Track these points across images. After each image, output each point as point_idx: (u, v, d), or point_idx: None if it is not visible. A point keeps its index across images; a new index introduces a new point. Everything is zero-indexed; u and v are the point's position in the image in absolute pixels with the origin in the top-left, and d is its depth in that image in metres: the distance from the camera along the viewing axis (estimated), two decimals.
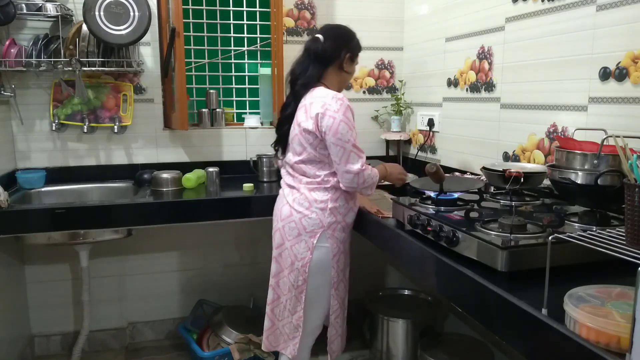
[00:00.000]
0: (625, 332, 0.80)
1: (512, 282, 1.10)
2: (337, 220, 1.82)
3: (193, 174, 2.45)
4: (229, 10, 2.80)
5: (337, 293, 1.88)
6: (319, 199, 1.79)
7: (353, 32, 1.92)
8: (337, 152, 1.72)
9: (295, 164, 1.83)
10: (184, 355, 2.66)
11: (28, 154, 2.52)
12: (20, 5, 2.23)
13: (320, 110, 1.72)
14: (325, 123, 1.71)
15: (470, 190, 1.65)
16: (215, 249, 2.83)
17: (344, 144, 1.71)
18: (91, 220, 2.12)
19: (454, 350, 2.08)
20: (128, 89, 2.58)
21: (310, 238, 1.79)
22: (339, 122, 1.70)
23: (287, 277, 1.84)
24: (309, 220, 1.79)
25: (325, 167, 1.80)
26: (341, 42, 1.85)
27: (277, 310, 1.90)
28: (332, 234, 1.81)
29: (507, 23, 2.02)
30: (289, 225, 1.82)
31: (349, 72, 1.89)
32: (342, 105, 1.73)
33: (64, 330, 2.69)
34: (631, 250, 0.90)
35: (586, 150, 1.36)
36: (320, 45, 1.82)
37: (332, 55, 1.83)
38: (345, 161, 1.72)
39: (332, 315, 1.90)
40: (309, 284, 1.82)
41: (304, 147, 1.78)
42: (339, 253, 1.85)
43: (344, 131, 1.71)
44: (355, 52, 1.89)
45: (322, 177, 1.79)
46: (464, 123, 2.38)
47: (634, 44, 1.48)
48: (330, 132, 1.71)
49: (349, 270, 1.95)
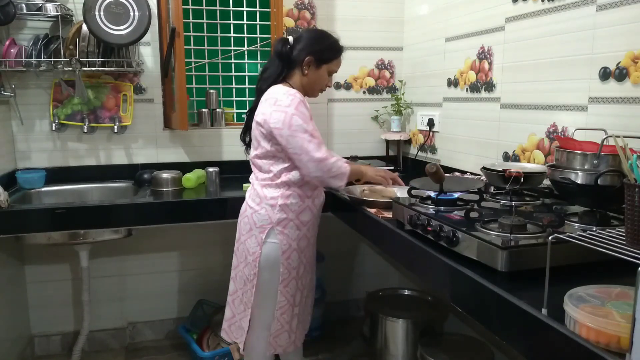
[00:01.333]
0: (625, 332, 0.80)
1: (512, 282, 1.10)
2: (289, 217, 1.82)
3: (193, 174, 2.45)
4: (229, 10, 2.80)
5: (286, 290, 1.86)
6: (269, 195, 1.81)
7: (329, 39, 1.90)
8: (296, 143, 1.72)
9: (253, 159, 1.88)
10: (184, 355, 2.66)
11: (28, 154, 2.52)
12: (20, 5, 2.23)
13: (272, 106, 1.75)
14: (277, 118, 1.73)
15: (470, 190, 1.64)
16: (215, 249, 2.83)
17: (301, 134, 1.71)
18: (91, 220, 2.12)
19: (454, 350, 2.08)
20: (128, 89, 2.58)
21: (259, 233, 1.82)
22: (291, 116, 1.72)
23: (242, 271, 1.88)
24: (259, 216, 1.82)
25: (279, 162, 1.81)
26: (307, 45, 1.85)
27: (236, 302, 1.93)
28: (282, 231, 1.82)
29: (507, 23, 2.02)
30: (243, 220, 1.88)
31: (311, 76, 1.86)
32: (293, 99, 1.74)
33: (64, 330, 2.69)
34: (631, 250, 0.89)
35: (586, 150, 1.36)
36: (284, 46, 1.85)
37: (294, 57, 1.85)
38: (306, 151, 1.71)
39: (278, 311, 1.88)
40: (260, 278, 1.84)
41: (259, 141, 1.82)
42: (289, 250, 1.84)
43: (297, 123, 1.71)
44: (322, 57, 1.85)
45: (275, 172, 1.81)
46: (464, 123, 2.38)
47: (634, 44, 1.48)
48: (284, 127, 1.72)
49: (304, 269, 1.91)
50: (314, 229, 1.94)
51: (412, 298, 2.55)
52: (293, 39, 1.87)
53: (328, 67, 1.89)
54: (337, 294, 2.97)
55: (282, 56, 1.85)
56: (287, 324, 1.92)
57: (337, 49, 1.90)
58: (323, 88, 1.94)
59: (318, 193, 1.93)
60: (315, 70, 1.87)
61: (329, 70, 1.90)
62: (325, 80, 1.92)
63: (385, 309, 2.37)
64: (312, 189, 1.88)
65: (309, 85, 1.89)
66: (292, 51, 1.85)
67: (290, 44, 1.86)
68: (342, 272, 3.00)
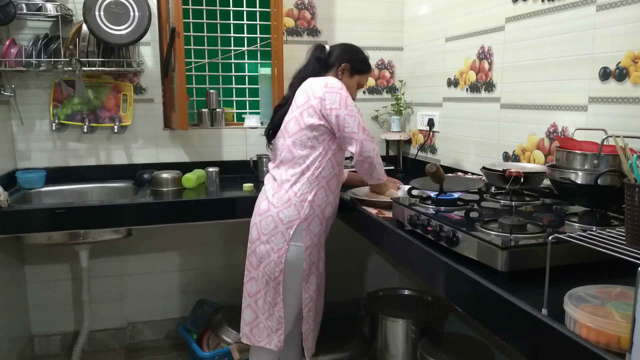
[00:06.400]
0: (625, 332, 0.80)
1: (512, 282, 1.10)
2: (315, 212, 1.84)
3: (193, 174, 2.45)
4: (229, 10, 2.80)
5: (307, 286, 1.88)
6: (300, 192, 1.82)
7: (364, 53, 2.01)
8: (353, 122, 1.79)
9: (286, 147, 1.85)
10: (184, 355, 2.66)
11: (28, 154, 2.52)
12: (20, 5, 2.23)
13: (323, 88, 1.80)
14: (332, 99, 1.78)
15: (470, 190, 1.64)
16: (215, 249, 2.83)
17: (356, 114, 1.80)
18: (91, 220, 2.12)
19: (454, 350, 2.08)
20: (128, 89, 2.58)
21: (287, 229, 1.82)
22: (345, 97, 1.79)
23: (263, 270, 1.87)
24: (286, 213, 1.82)
25: (314, 151, 1.82)
26: (344, 53, 1.96)
27: (259, 302, 1.91)
28: (308, 227, 1.84)
29: (507, 23, 2.02)
30: (265, 220, 1.85)
31: (345, 82, 1.91)
32: (342, 85, 1.83)
33: (64, 330, 2.69)
34: (631, 250, 0.89)
35: (586, 150, 1.36)
36: (322, 52, 1.95)
37: (331, 62, 1.94)
38: (363, 129, 1.80)
39: (305, 309, 1.90)
40: (285, 276, 1.84)
41: (301, 127, 1.81)
42: (312, 245, 1.86)
43: (352, 104, 1.81)
44: (357, 67, 1.96)
45: (307, 164, 1.82)
46: (464, 123, 2.38)
47: (634, 44, 1.48)
48: (342, 107, 1.78)
49: (323, 264, 1.95)
50: (330, 226, 1.97)
51: (412, 298, 2.55)
52: (329, 47, 1.97)
53: (359, 79, 1.99)
54: (337, 294, 2.97)
55: (320, 60, 1.94)
56: (312, 321, 1.94)
57: (369, 65, 2.02)
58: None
59: (339, 192, 1.97)
60: (348, 78, 1.96)
61: (359, 82, 2.00)
62: (354, 91, 1.99)
63: (385, 309, 2.37)
64: (337, 185, 1.92)
65: None
66: (328, 57, 1.94)
67: (327, 50, 1.95)
68: (342, 272, 3.00)
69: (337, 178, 1.90)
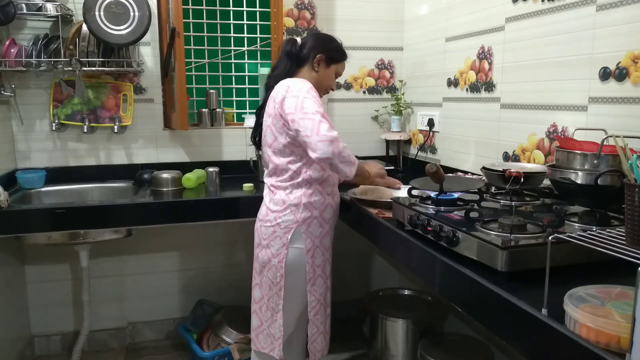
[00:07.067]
0: (625, 332, 0.80)
1: (512, 282, 1.10)
2: (313, 215, 1.83)
3: (193, 174, 2.45)
4: (229, 10, 2.80)
5: (313, 289, 1.88)
6: (292, 196, 1.81)
7: (337, 41, 1.96)
8: (307, 125, 1.67)
9: (270, 157, 1.85)
10: (184, 355, 2.66)
11: (28, 154, 2.52)
12: (20, 5, 2.23)
13: (283, 94, 1.75)
14: (289, 104, 1.72)
15: (470, 190, 1.64)
16: (215, 249, 2.83)
17: (312, 115, 1.67)
18: (91, 220, 2.12)
19: (454, 350, 2.08)
20: (128, 89, 2.58)
21: (285, 234, 1.81)
22: (302, 99, 1.71)
23: (266, 275, 1.87)
24: (283, 218, 1.82)
25: (296, 158, 1.79)
26: (317, 43, 1.90)
27: (263, 308, 1.91)
28: (307, 229, 1.83)
29: (507, 23, 2.02)
30: (264, 225, 1.86)
31: (321, 73, 1.90)
32: (304, 85, 1.76)
33: (64, 330, 2.69)
34: (631, 250, 0.89)
35: (586, 150, 1.36)
36: (293, 46, 1.90)
37: (304, 55, 1.89)
38: (317, 131, 1.66)
39: (311, 312, 1.90)
40: (286, 280, 1.83)
41: (275, 136, 1.80)
42: (313, 248, 1.85)
43: (309, 104, 1.70)
44: (331, 56, 1.91)
45: (294, 170, 1.80)
46: (464, 123, 2.38)
47: (634, 44, 1.48)
48: (296, 111, 1.70)
49: (330, 267, 1.94)
50: (334, 227, 1.95)
51: (412, 298, 2.55)
52: (301, 40, 1.92)
53: (336, 68, 1.94)
54: (337, 294, 2.97)
55: (291, 55, 1.89)
56: (321, 325, 1.93)
57: (343, 52, 1.97)
58: (328, 89, 1.98)
59: (336, 191, 1.95)
60: (325, 69, 1.91)
61: (337, 71, 1.95)
62: (332, 81, 1.96)
63: (385, 309, 2.37)
64: (332, 185, 1.90)
65: (318, 82, 1.90)
66: (301, 50, 1.89)
67: (298, 44, 1.91)
68: (342, 272, 3.00)
69: (330, 178, 1.88)
